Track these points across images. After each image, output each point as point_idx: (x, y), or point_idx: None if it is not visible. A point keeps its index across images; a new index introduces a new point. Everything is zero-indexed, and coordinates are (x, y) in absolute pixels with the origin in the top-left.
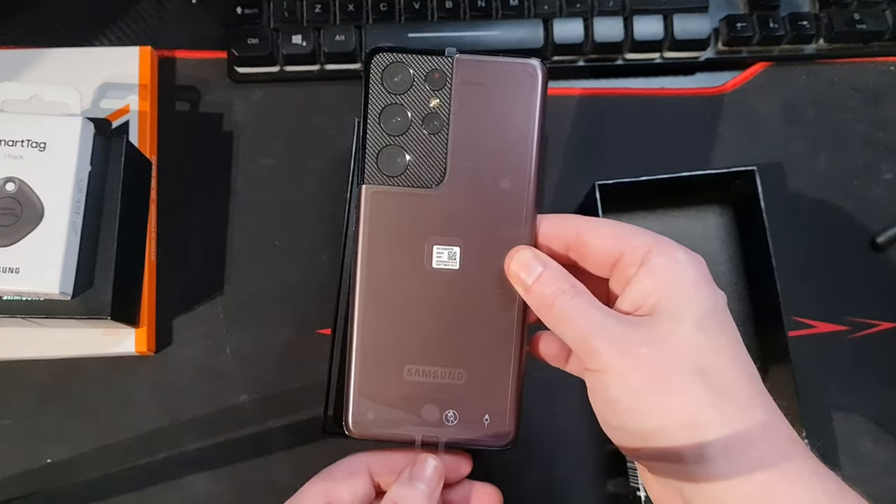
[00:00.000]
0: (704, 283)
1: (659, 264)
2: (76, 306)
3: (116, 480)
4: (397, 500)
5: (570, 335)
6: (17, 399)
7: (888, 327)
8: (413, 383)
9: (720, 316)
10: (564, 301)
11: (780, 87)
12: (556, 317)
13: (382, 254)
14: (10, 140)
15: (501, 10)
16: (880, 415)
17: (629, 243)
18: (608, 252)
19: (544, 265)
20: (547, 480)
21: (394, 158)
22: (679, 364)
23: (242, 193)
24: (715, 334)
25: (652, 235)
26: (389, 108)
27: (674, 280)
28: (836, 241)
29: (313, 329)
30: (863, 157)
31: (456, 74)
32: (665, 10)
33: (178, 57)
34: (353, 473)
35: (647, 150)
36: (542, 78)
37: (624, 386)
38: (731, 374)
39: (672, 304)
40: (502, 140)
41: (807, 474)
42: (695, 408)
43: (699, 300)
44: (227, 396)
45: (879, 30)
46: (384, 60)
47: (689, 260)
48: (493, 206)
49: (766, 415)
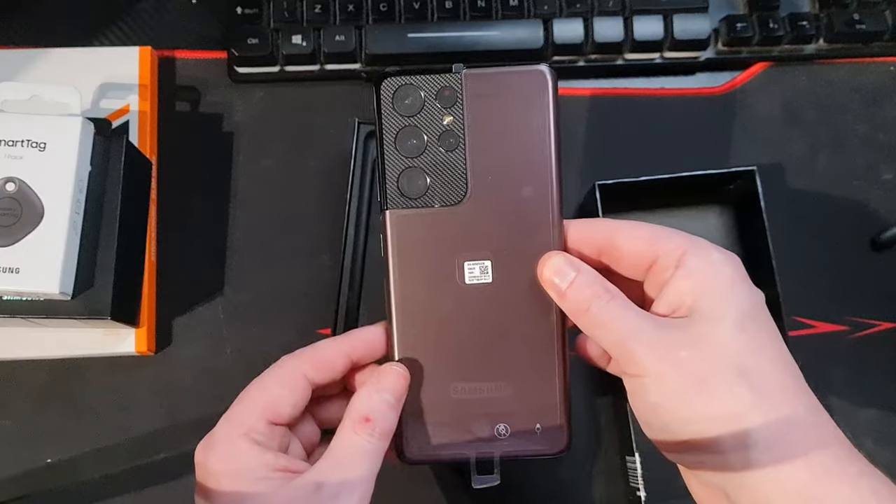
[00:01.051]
0: (741, 282)
1: (695, 266)
2: (76, 306)
3: (116, 481)
4: (369, 413)
5: (608, 340)
6: (18, 399)
7: (888, 327)
8: (461, 401)
9: (759, 314)
10: (600, 305)
11: (779, 87)
12: (592, 322)
13: (414, 276)
14: (9, 140)
15: (501, 10)
16: (881, 415)
17: (664, 246)
18: (642, 255)
19: (577, 270)
20: (547, 481)
21: (414, 180)
22: (720, 365)
23: (243, 193)
24: (754, 333)
25: (686, 236)
26: (404, 132)
27: (710, 281)
28: (837, 241)
29: (313, 329)
30: (863, 158)
31: (466, 89)
32: (665, 11)
33: (178, 57)
34: (289, 384)
35: (647, 150)
36: (553, 81)
37: (665, 390)
38: (772, 373)
39: (710, 304)
40: (520, 148)
41: (854, 474)
42: (738, 408)
43: (737, 300)
44: (227, 396)
45: (879, 30)
46: (393, 84)
47: (724, 259)
48: (519, 215)
49: (810, 413)
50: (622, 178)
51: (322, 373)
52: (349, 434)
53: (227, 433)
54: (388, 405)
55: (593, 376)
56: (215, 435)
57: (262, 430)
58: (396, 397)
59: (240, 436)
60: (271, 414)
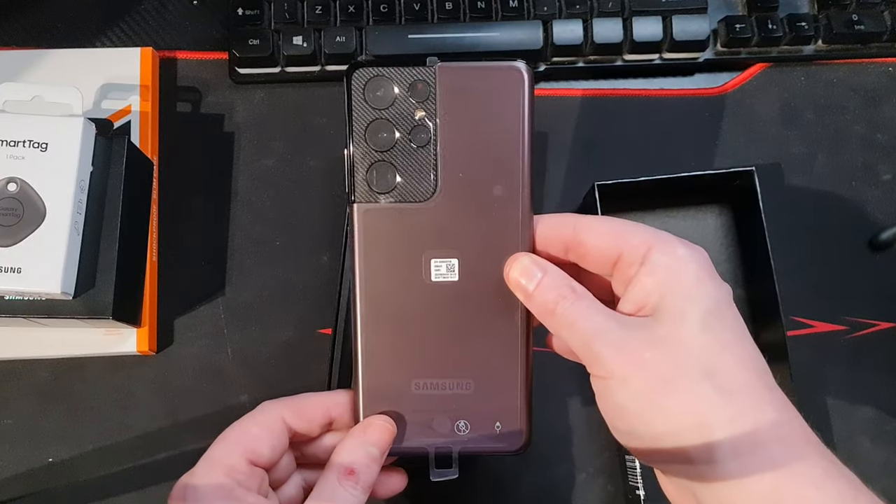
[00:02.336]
0: (707, 279)
1: (659, 262)
2: (78, 306)
3: (118, 480)
4: (353, 465)
5: (574, 341)
6: (19, 399)
7: (886, 327)
8: (422, 397)
9: (724, 311)
10: (566, 307)
11: (778, 87)
12: (559, 323)
13: (381, 271)
14: (11, 140)
15: (501, 11)
16: (878, 414)
17: (628, 241)
18: (607, 251)
19: (544, 271)
20: (547, 480)
21: (384, 174)
22: (684, 366)
23: (243, 194)
24: (719, 332)
25: (651, 232)
26: (375, 124)
27: (675, 278)
28: (835, 241)
29: (314, 329)
30: (861, 158)
31: (439, 84)
32: (664, 12)
33: (180, 58)
34: (269, 426)
35: (647, 150)
36: (528, 79)
37: (630, 391)
38: (738, 373)
39: (674, 303)
40: (491, 146)
41: (819, 476)
42: (702, 409)
43: (701, 297)
44: (227, 396)
45: (878, 31)
46: (364, 75)
47: (689, 255)
48: (488, 213)
49: (777, 413)
50: (621, 178)
51: (301, 421)
52: (333, 484)
53: (208, 472)
54: (372, 458)
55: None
56: (195, 474)
57: (243, 469)
58: (381, 451)
59: (221, 476)
60: (251, 454)
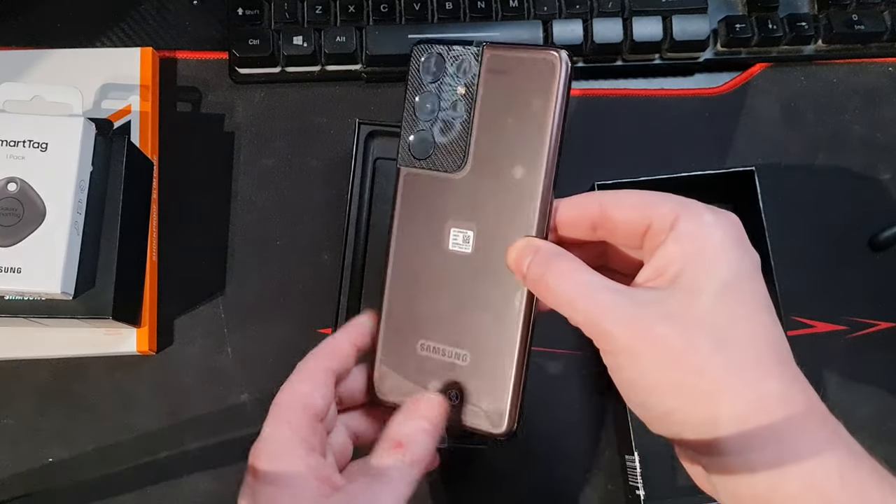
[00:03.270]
0: (731, 247)
1: (684, 230)
2: (78, 306)
3: (118, 480)
4: (402, 438)
5: (580, 318)
6: (19, 399)
7: (886, 327)
8: (424, 358)
9: (742, 283)
10: (558, 281)
11: (778, 87)
12: (556, 299)
13: (411, 232)
14: (11, 140)
15: (501, 11)
16: (879, 414)
17: (656, 211)
18: (636, 224)
19: (536, 249)
20: (547, 480)
21: (422, 142)
22: (695, 340)
23: (243, 194)
24: (734, 305)
25: (679, 200)
26: (423, 95)
27: (698, 247)
28: (835, 241)
29: (314, 329)
30: (861, 158)
31: (483, 64)
32: (664, 12)
33: (180, 58)
34: (313, 377)
35: (647, 150)
36: (563, 67)
37: (641, 366)
38: (749, 347)
39: (693, 274)
40: (520, 129)
41: (822, 440)
42: (710, 385)
43: (721, 268)
44: (228, 396)
45: (878, 31)
46: (423, 50)
47: (715, 222)
48: (507, 193)
49: (785, 386)
50: (622, 178)
51: (338, 362)
52: (380, 457)
53: (274, 432)
54: (421, 431)
55: (593, 376)
56: (264, 435)
57: (306, 424)
58: (431, 423)
59: (288, 435)
60: (310, 409)
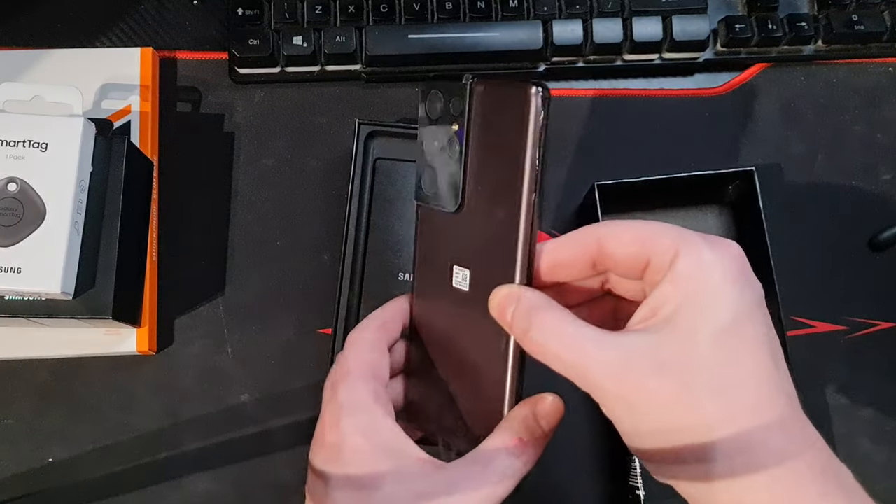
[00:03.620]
0: (731, 285)
1: (682, 270)
2: (78, 306)
3: (118, 480)
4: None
5: (570, 374)
6: (19, 399)
7: (886, 327)
8: (434, 387)
9: (742, 324)
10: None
11: (778, 88)
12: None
13: (425, 267)
14: (11, 140)
15: (501, 11)
16: (879, 414)
17: (655, 247)
18: (635, 259)
19: (517, 300)
20: (547, 480)
21: (429, 180)
22: (692, 387)
23: (243, 194)
24: (733, 348)
25: (678, 233)
26: (428, 132)
27: (695, 287)
28: (835, 241)
29: (314, 329)
30: (861, 158)
31: (470, 100)
32: (664, 12)
33: (180, 58)
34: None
35: (647, 150)
36: (535, 101)
37: (637, 416)
38: (746, 390)
39: (690, 315)
40: (500, 167)
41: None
42: (706, 429)
43: (719, 309)
44: (228, 396)
45: (878, 31)
46: (427, 88)
47: (715, 260)
48: (492, 233)
49: (782, 428)
50: (622, 178)
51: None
52: (498, 447)
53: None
54: (543, 436)
55: None
56: (346, 404)
57: (382, 393)
58: (550, 427)
59: (370, 402)
60: (381, 379)
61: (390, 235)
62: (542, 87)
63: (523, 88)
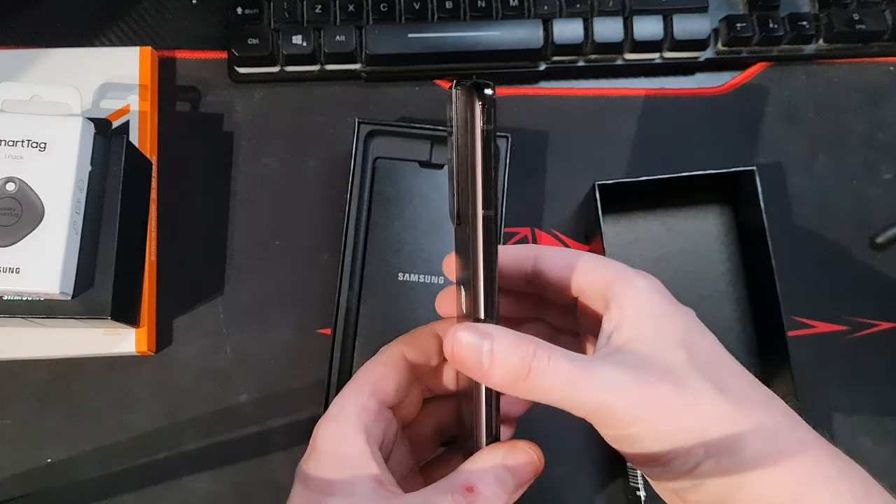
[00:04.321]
0: (673, 307)
1: (622, 295)
2: (76, 306)
3: (117, 480)
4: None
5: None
6: (18, 399)
7: (888, 327)
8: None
9: (702, 334)
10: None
11: (779, 87)
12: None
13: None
14: (10, 140)
15: (501, 10)
16: (880, 414)
17: (586, 276)
18: (567, 284)
19: (488, 335)
20: (547, 480)
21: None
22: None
23: (243, 193)
24: (708, 354)
25: (609, 266)
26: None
27: (643, 311)
28: (836, 241)
29: (313, 329)
30: (862, 157)
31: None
32: (665, 11)
33: (179, 57)
34: (391, 364)
35: (647, 150)
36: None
37: (656, 434)
38: (741, 385)
39: (652, 337)
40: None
41: (834, 476)
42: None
43: (676, 326)
44: (227, 396)
45: (879, 30)
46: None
47: (649, 286)
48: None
49: (787, 418)
50: (622, 178)
51: (418, 352)
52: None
53: (340, 410)
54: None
55: None
56: (330, 412)
57: (373, 408)
58: (517, 483)
59: (352, 416)
60: (381, 393)
61: (390, 235)
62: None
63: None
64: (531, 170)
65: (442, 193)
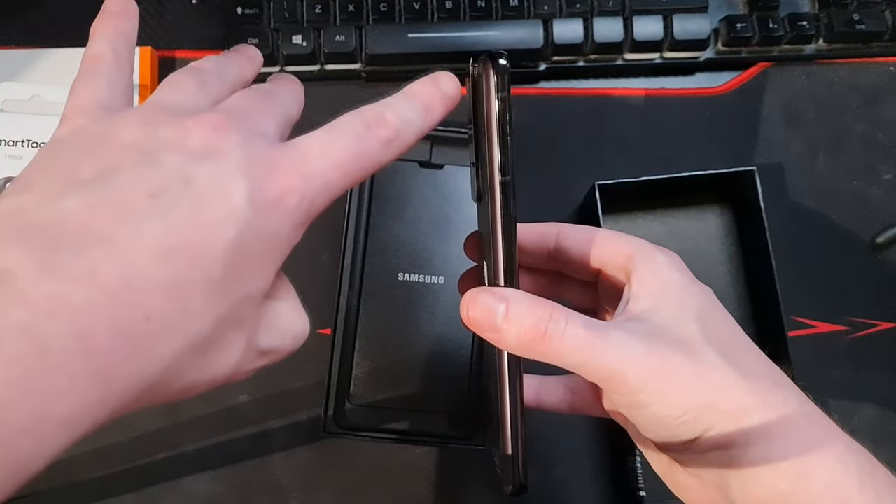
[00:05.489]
0: (692, 282)
1: (644, 270)
2: None
3: (116, 481)
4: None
5: (589, 367)
6: None
7: (888, 327)
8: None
9: (719, 311)
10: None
11: (779, 87)
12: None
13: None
14: (10, 140)
15: (501, 10)
16: (880, 414)
17: (608, 250)
18: (587, 259)
19: (505, 299)
20: (547, 480)
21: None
22: (713, 362)
23: None
24: (725, 329)
25: (630, 241)
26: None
27: (664, 285)
28: (836, 241)
29: (313, 329)
30: (862, 158)
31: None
32: (665, 11)
33: (179, 57)
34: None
35: (647, 150)
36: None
37: (667, 401)
38: (754, 362)
39: (672, 309)
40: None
41: (841, 450)
42: (738, 399)
43: (695, 301)
44: (226, 396)
45: (879, 30)
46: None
47: (669, 262)
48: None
49: (795, 392)
50: (622, 178)
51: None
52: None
53: None
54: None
55: None
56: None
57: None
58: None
59: None
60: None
61: (390, 235)
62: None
63: (476, 66)
64: (531, 170)
65: (442, 193)
